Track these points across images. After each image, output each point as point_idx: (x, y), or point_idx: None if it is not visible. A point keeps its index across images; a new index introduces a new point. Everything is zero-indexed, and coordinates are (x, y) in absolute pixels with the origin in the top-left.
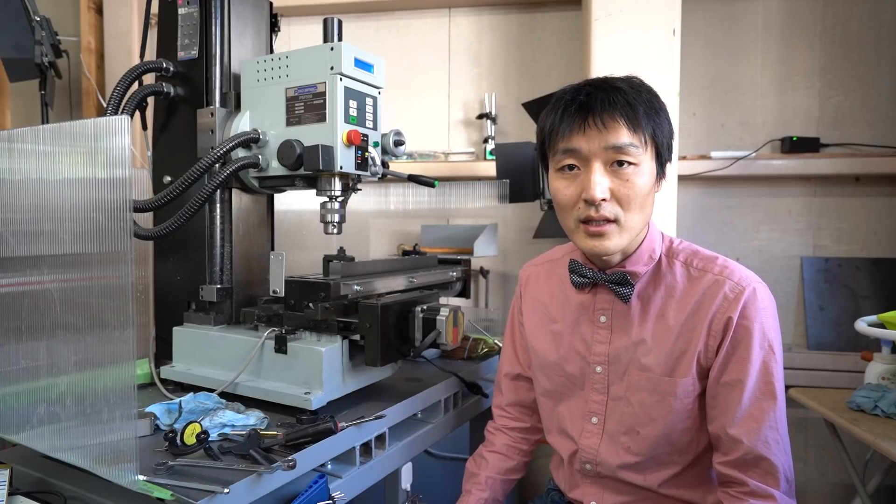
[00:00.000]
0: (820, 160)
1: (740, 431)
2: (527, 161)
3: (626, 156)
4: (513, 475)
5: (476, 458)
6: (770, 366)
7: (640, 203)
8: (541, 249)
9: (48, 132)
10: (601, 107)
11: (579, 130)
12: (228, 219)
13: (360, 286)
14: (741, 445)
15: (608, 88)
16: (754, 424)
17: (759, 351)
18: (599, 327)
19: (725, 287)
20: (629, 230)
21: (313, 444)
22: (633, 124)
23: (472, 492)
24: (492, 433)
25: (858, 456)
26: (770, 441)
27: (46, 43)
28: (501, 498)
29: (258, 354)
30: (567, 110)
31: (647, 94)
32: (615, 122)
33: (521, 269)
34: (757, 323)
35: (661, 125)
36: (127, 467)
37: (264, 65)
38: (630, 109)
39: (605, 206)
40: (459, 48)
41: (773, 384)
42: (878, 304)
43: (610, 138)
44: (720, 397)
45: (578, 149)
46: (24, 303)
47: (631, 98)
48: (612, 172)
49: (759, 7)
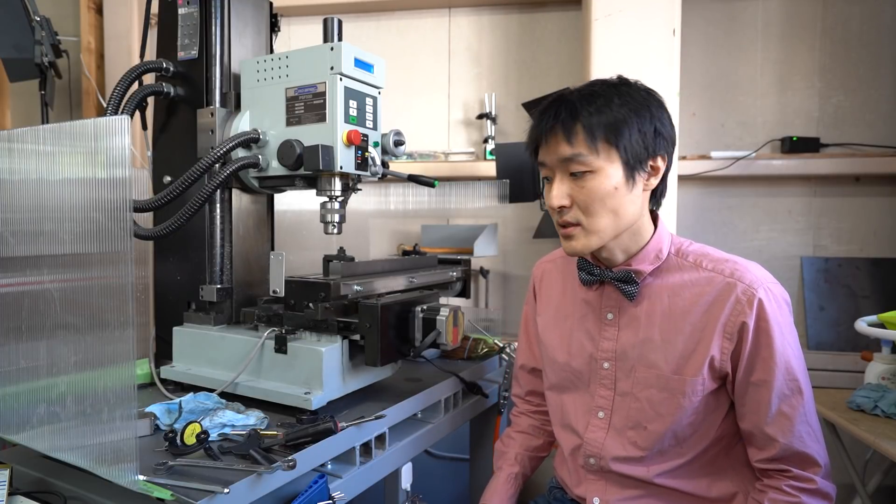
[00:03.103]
0: (820, 160)
1: (775, 430)
2: (527, 161)
3: (578, 165)
4: (540, 453)
5: (504, 439)
6: (792, 363)
7: (602, 207)
8: (540, 249)
9: (48, 132)
10: (548, 122)
11: (544, 143)
12: (228, 219)
13: (360, 286)
14: (777, 443)
15: (565, 101)
16: (787, 422)
17: (781, 350)
18: (606, 324)
19: (738, 290)
20: (596, 232)
21: (313, 444)
22: (569, 137)
23: (503, 467)
24: (517, 416)
25: (858, 456)
26: (804, 435)
27: (46, 43)
28: (530, 473)
29: (258, 354)
30: (537, 124)
31: (617, 98)
32: (556, 135)
33: (536, 266)
34: (774, 324)
35: (627, 130)
36: (127, 467)
37: (264, 65)
38: (571, 121)
39: (565, 211)
40: (459, 48)
41: (798, 381)
42: (878, 304)
43: (559, 150)
44: (749, 396)
45: (544, 161)
46: (24, 303)
47: (580, 109)
48: (571, 180)
49: (759, 7)
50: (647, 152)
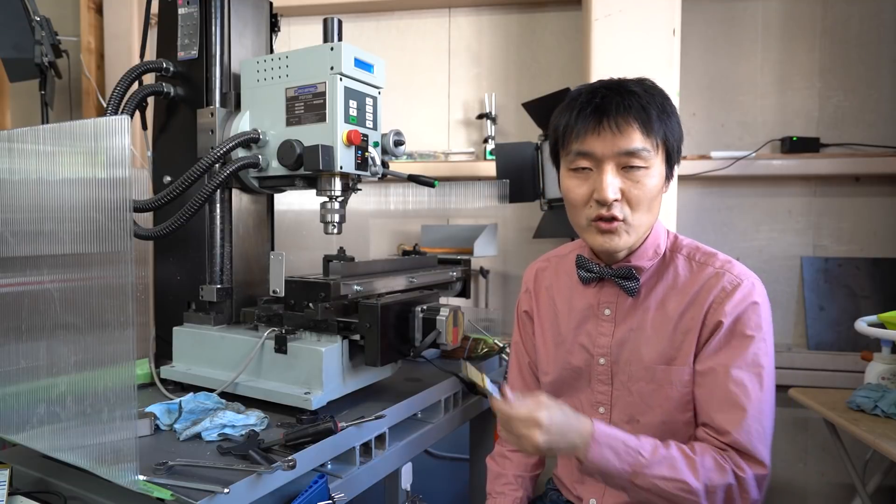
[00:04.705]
0: (820, 160)
1: (725, 420)
2: (527, 161)
3: (638, 159)
4: (537, 470)
5: (498, 459)
6: (760, 357)
7: (648, 204)
8: (541, 249)
9: (48, 132)
10: (616, 110)
11: (594, 133)
12: (228, 219)
13: (360, 286)
14: (728, 435)
15: (623, 92)
16: (740, 414)
17: (752, 342)
18: (603, 320)
19: (724, 280)
20: (636, 229)
21: (313, 444)
22: (646, 128)
23: (506, 492)
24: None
25: (858, 456)
26: (753, 433)
27: (46, 43)
28: (532, 495)
29: (258, 354)
30: (582, 112)
31: (659, 98)
32: (629, 126)
33: (527, 269)
34: (753, 315)
35: (673, 129)
36: (127, 467)
37: (264, 65)
38: (644, 113)
39: (615, 206)
40: (459, 48)
41: (762, 375)
42: (878, 304)
43: (623, 142)
44: (707, 379)
45: (592, 151)
46: (24, 303)
47: (645, 102)
48: (623, 174)
49: (759, 7)
50: (679, 155)
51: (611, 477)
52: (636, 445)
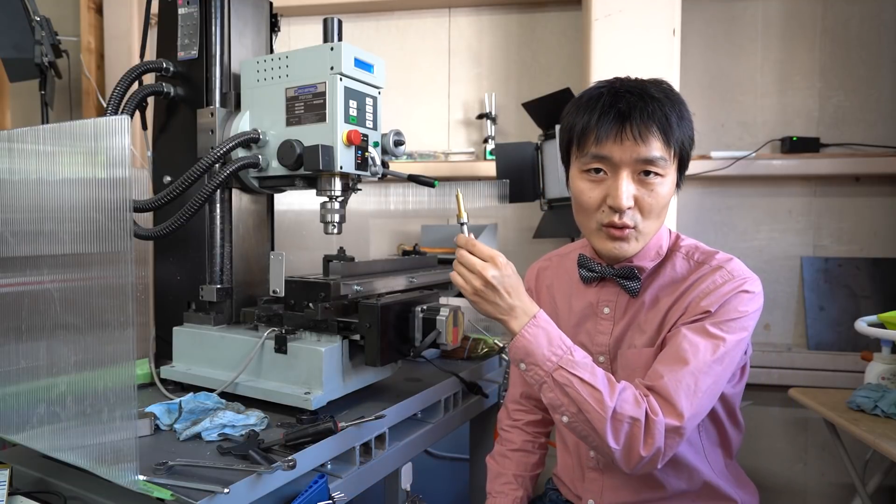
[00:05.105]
0: (820, 160)
1: (664, 368)
2: (527, 161)
3: (655, 167)
4: (537, 470)
5: (498, 458)
6: (727, 333)
7: (660, 211)
8: (541, 249)
9: (48, 132)
10: (640, 117)
11: (615, 140)
12: (228, 219)
13: (360, 286)
14: (658, 379)
15: (646, 97)
16: (679, 366)
17: (726, 322)
18: (603, 318)
19: (717, 274)
20: (646, 235)
21: (313, 444)
22: (666, 137)
23: (505, 492)
24: (508, 431)
25: (858, 456)
26: (682, 384)
27: (46, 43)
28: (532, 494)
29: (258, 354)
30: (605, 116)
31: (678, 105)
32: (651, 134)
33: (529, 269)
34: (739, 305)
35: (688, 136)
36: (127, 467)
37: (264, 65)
38: (666, 122)
39: (627, 213)
40: (459, 48)
41: (719, 347)
42: (878, 304)
43: (644, 150)
44: (668, 341)
45: (611, 157)
46: (24, 303)
47: (667, 110)
48: (638, 181)
49: (759, 7)
50: (689, 158)
51: (534, 362)
52: (571, 345)
